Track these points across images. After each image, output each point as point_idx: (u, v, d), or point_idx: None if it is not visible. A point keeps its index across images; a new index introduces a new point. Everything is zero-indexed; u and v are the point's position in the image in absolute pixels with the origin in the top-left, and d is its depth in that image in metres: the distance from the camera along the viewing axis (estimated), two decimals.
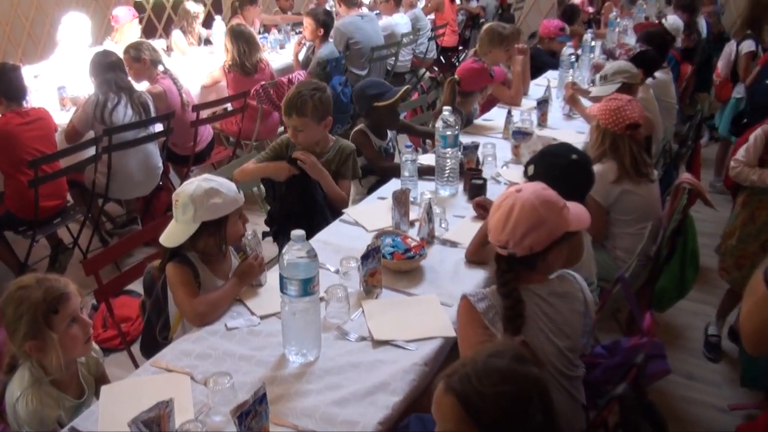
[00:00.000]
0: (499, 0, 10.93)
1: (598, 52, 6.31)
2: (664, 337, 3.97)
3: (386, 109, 3.90)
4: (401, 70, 8.05)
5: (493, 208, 2.18)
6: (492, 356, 1.53)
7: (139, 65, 5.01)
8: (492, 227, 2.15)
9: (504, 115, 4.33)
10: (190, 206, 2.46)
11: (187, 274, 2.51)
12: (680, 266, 3.30)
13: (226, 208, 2.51)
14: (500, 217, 2.12)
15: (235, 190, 2.56)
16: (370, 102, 3.88)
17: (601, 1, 9.75)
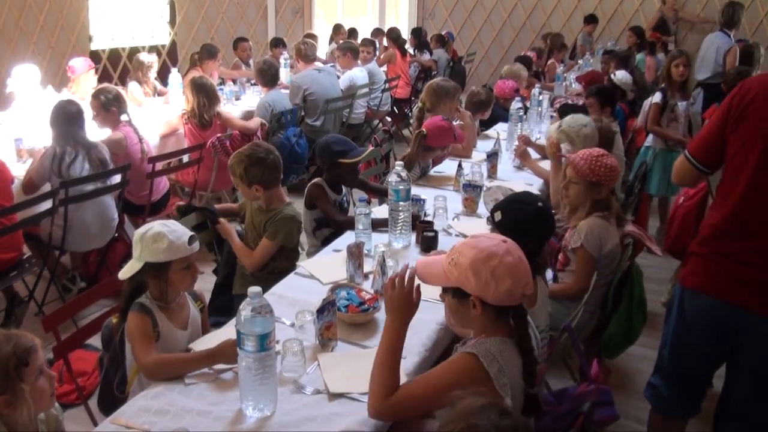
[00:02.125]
0: (450, 53, 11.19)
1: (546, 105, 6.49)
2: (615, 382, 4.06)
3: (349, 167, 3.99)
4: (355, 122, 8.18)
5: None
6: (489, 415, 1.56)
7: (107, 114, 5.07)
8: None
9: (455, 168, 4.44)
10: (139, 245, 2.61)
11: (146, 324, 2.57)
12: (628, 315, 3.42)
13: (168, 254, 2.59)
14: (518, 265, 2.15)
15: (184, 240, 2.62)
16: (334, 158, 3.96)
17: (546, 56, 10.03)
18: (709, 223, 2.69)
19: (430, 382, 2.12)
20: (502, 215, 2.87)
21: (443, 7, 13.30)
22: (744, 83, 2.58)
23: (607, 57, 8.55)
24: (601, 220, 3.46)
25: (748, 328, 2.56)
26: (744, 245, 2.54)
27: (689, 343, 2.76)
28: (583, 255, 3.41)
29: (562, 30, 11.87)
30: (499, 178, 4.59)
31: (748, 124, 2.50)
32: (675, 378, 2.88)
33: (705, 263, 2.65)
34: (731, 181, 2.57)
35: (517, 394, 2.09)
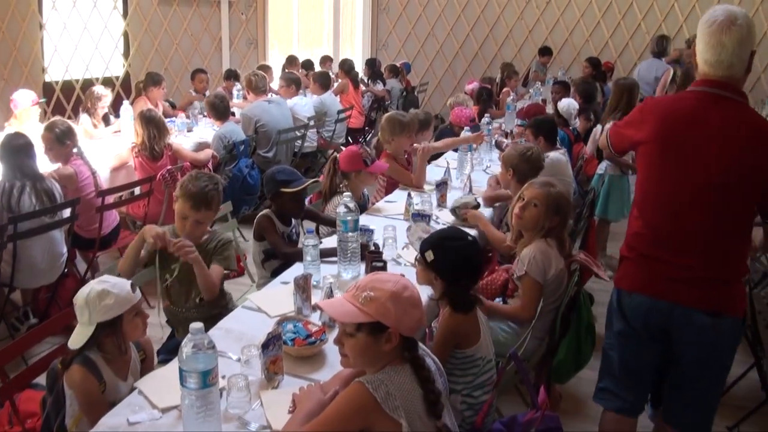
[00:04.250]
0: (403, 83, 11.27)
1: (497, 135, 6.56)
2: (567, 407, 4.09)
3: (291, 197, 3.98)
4: (307, 151, 8.18)
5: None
6: None
7: (61, 148, 5.01)
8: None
9: (405, 198, 4.45)
10: (85, 309, 2.58)
11: (90, 381, 2.56)
12: (576, 340, 3.45)
13: (119, 307, 2.59)
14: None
15: (128, 290, 2.63)
16: (277, 187, 3.96)
17: (499, 85, 10.17)
18: (633, 231, 2.96)
19: (321, 419, 2.12)
20: (435, 254, 2.87)
21: (396, 37, 13.44)
22: (642, 107, 2.98)
23: (558, 87, 8.69)
24: (543, 245, 3.49)
25: (683, 321, 2.82)
26: (664, 249, 2.83)
27: (633, 342, 2.99)
28: (528, 282, 3.46)
29: (513, 60, 12.08)
30: (449, 207, 4.60)
31: (649, 144, 2.86)
32: (624, 375, 3.06)
33: (635, 266, 2.93)
34: (643, 194, 2.91)
35: (417, 419, 2.11)
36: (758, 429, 3.92)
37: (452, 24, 13.03)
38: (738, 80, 2.78)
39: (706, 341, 2.82)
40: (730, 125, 2.72)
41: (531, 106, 7.19)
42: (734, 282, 2.83)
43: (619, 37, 12.24)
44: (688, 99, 2.85)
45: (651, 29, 11.81)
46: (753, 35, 2.75)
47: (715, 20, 2.71)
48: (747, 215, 2.80)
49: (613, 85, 6.13)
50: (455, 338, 2.86)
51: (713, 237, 2.76)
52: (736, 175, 2.70)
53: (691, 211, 2.76)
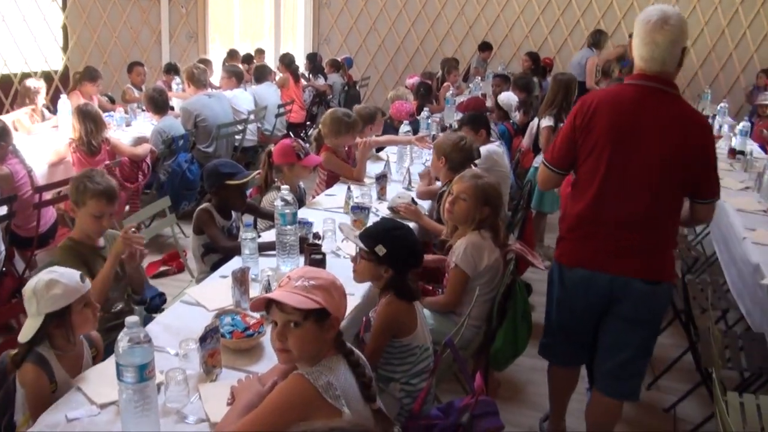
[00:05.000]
0: (345, 77, 11.29)
1: (435, 128, 6.62)
2: (506, 394, 4.21)
3: (235, 189, 3.98)
4: (248, 146, 8.16)
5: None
6: None
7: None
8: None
9: (344, 191, 4.48)
10: (33, 299, 2.51)
11: (42, 381, 2.50)
12: (513, 328, 3.54)
13: (67, 298, 2.52)
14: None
15: (77, 280, 2.56)
16: (221, 180, 3.97)
17: (440, 79, 10.24)
18: (573, 213, 3.23)
19: (261, 410, 2.13)
20: (387, 247, 2.90)
21: (338, 32, 13.45)
22: (584, 99, 3.20)
23: (498, 80, 8.81)
24: (476, 237, 3.59)
25: (624, 290, 3.13)
26: (605, 226, 3.12)
27: (572, 307, 3.33)
28: (455, 273, 3.57)
29: (454, 55, 12.16)
30: (388, 200, 4.66)
31: (595, 133, 3.08)
32: (564, 335, 3.44)
33: (577, 244, 3.24)
34: (587, 179, 3.14)
35: (359, 407, 2.15)
36: (694, 409, 4.07)
37: (394, 19, 13.09)
38: (670, 74, 3.05)
39: (644, 306, 3.15)
40: (667, 115, 3.02)
41: (471, 99, 7.28)
42: (668, 252, 3.21)
43: (558, 34, 12.46)
44: (628, 91, 3.11)
45: (589, 26, 12.02)
46: (685, 34, 3.00)
47: (650, 20, 2.96)
48: (681, 194, 3.14)
49: (552, 80, 6.22)
50: (394, 327, 2.91)
51: (653, 214, 3.08)
52: (674, 160, 3.00)
53: (637, 193, 3.05)
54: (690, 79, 11.72)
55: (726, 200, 5.10)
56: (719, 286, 4.81)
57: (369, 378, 2.26)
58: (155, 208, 5.02)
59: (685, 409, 4.13)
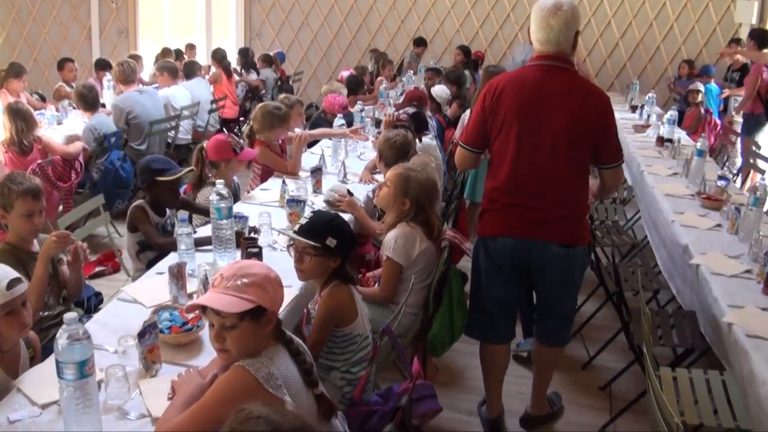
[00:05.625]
0: (278, 72, 11.24)
1: (369, 123, 6.66)
2: (445, 379, 4.29)
3: (167, 186, 3.96)
4: (182, 143, 8.08)
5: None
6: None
7: None
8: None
9: (280, 185, 4.49)
10: None
11: None
12: (449, 314, 3.61)
13: None
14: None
15: (2, 287, 2.50)
16: (152, 176, 3.92)
17: (374, 74, 10.29)
18: (491, 187, 3.47)
19: (203, 402, 2.13)
20: (336, 238, 2.93)
21: (270, 26, 13.38)
22: (491, 82, 3.44)
23: (431, 73, 8.88)
24: (406, 228, 3.66)
25: (542, 254, 3.39)
26: (523, 196, 3.36)
27: (500, 276, 3.52)
28: (388, 264, 3.64)
29: (386, 49, 12.24)
30: (324, 193, 4.67)
31: (503, 110, 3.33)
32: (495, 310, 3.61)
33: (498, 215, 3.45)
34: (501, 154, 3.39)
35: (301, 394, 2.18)
36: (629, 386, 4.20)
37: (326, 13, 13.06)
38: (566, 54, 3.34)
39: (562, 268, 3.44)
40: (566, 89, 3.32)
41: (412, 91, 7.29)
42: (581, 218, 3.50)
43: (489, 28, 12.59)
44: (529, 71, 3.40)
45: (519, 20, 12.23)
46: (576, 18, 3.30)
47: (544, 7, 3.26)
48: (587, 162, 3.44)
49: (483, 73, 6.31)
50: (338, 317, 2.96)
51: (564, 183, 3.35)
52: (577, 130, 3.29)
53: (546, 163, 3.30)
54: (619, 71, 12.05)
55: (655, 186, 5.28)
56: (650, 268, 4.98)
57: (310, 364, 2.29)
58: (89, 207, 4.94)
59: (620, 387, 4.28)
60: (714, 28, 11.71)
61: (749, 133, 8.23)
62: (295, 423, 1.65)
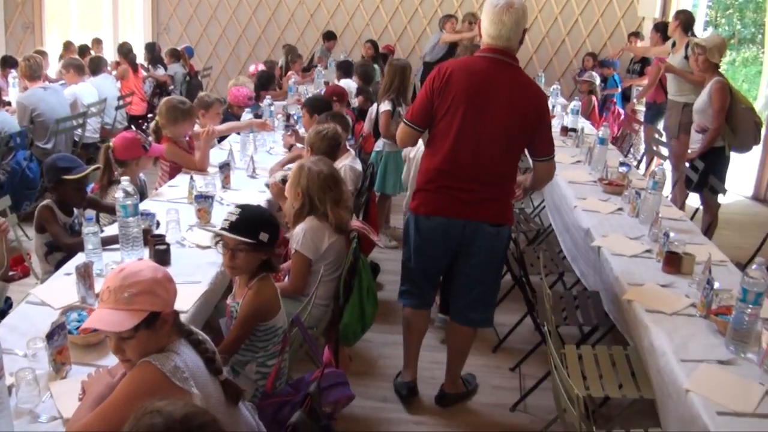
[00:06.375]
0: (187, 67, 11.10)
1: (281, 118, 6.66)
2: (360, 368, 4.36)
3: (73, 184, 3.89)
4: (90, 141, 7.92)
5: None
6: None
7: None
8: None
9: (188, 181, 4.45)
10: None
11: None
12: (359, 303, 3.69)
13: None
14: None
15: None
16: (58, 174, 3.85)
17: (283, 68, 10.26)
18: (430, 167, 3.66)
19: (111, 400, 2.13)
20: (268, 232, 2.95)
21: (178, 21, 13.19)
22: (441, 66, 3.62)
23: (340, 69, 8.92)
24: (315, 221, 3.70)
25: (473, 232, 3.63)
26: (459, 179, 3.57)
27: (429, 253, 3.77)
28: (297, 258, 3.68)
29: (296, 43, 12.19)
30: (233, 188, 4.69)
31: (450, 94, 3.52)
32: (421, 280, 3.89)
33: (433, 195, 3.66)
34: (443, 135, 3.58)
35: (207, 383, 2.20)
36: (538, 366, 4.34)
37: (234, 7, 12.95)
38: (513, 50, 3.58)
39: (490, 246, 3.69)
40: (511, 84, 3.54)
41: (332, 87, 7.29)
42: (509, 200, 3.77)
43: (398, 22, 12.70)
44: (479, 62, 3.59)
45: (427, 13, 12.43)
46: (525, 16, 3.56)
47: (497, 3, 3.47)
48: (520, 151, 3.73)
49: (388, 66, 6.35)
50: (263, 313, 2.98)
51: (499, 168, 3.60)
52: (516, 123, 3.53)
53: (486, 148, 3.53)
54: (526, 64, 12.28)
55: (558, 174, 5.38)
56: (556, 253, 5.15)
57: (212, 352, 2.31)
58: None
59: (529, 367, 4.43)
60: (618, 22, 12.12)
61: (652, 121, 8.56)
62: (187, 410, 1.69)
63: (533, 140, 3.65)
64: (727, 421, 2.44)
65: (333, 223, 3.71)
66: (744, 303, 2.82)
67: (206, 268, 3.42)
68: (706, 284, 3.18)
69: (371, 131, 6.47)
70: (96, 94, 8.08)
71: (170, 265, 3.37)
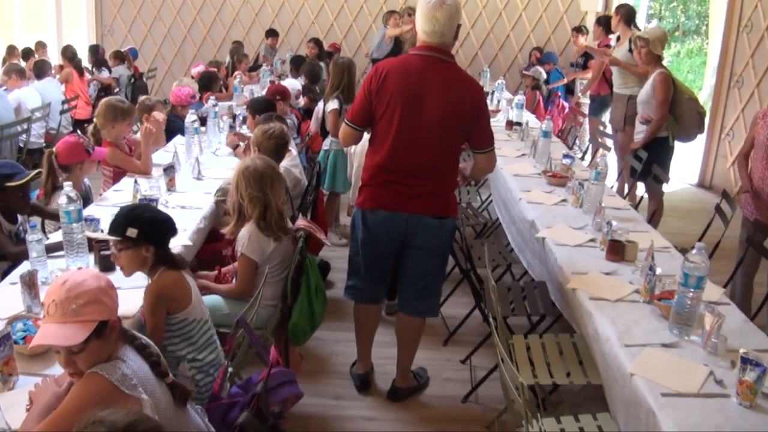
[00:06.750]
0: (131, 69, 10.97)
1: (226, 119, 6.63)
2: (312, 367, 4.38)
3: (16, 191, 3.83)
4: (35, 147, 7.79)
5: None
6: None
7: None
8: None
9: (132, 184, 4.39)
10: None
11: None
12: (308, 302, 3.70)
13: None
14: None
15: None
16: (1, 182, 3.79)
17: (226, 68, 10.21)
18: (373, 164, 3.75)
19: (60, 411, 2.11)
20: (136, 227, 2.90)
21: (122, 22, 13.02)
22: (378, 66, 3.70)
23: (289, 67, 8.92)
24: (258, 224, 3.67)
25: (417, 225, 3.73)
26: (400, 174, 3.67)
27: (376, 248, 3.85)
28: (242, 260, 3.68)
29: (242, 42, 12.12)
30: (178, 191, 4.66)
31: (387, 94, 3.60)
32: (368, 274, 3.94)
33: (377, 190, 3.75)
34: (383, 134, 3.67)
35: (155, 387, 2.20)
36: (488, 358, 4.40)
37: (179, 7, 12.85)
38: (448, 46, 3.65)
39: (434, 238, 3.78)
40: (447, 80, 3.61)
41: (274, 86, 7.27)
42: (450, 193, 3.86)
43: (344, 19, 12.71)
44: (414, 60, 3.66)
45: (373, 11, 12.47)
46: (459, 12, 3.62)
47: (430, 0, 3.52)
48: (459, 145, 3.79)
49: (332, 65, 6.35)
50: (164, 301, 2.95)
51: (438, 163, 3.68)
52: (452, 117, 3.61)
53: (424, 145, 3.62)
54: (471, 59, 12.45)
55: (503, 167, 5.51)
56: (503, 246, 5.22)
57: (157, 355, 2.31)
58: None
59: (480, 359, 4.49)
60: (561, 17, 12.30)
61: (596, 113, 8.70)
62: (130, 418, 1.70)
63: (472, 134, 3.73)
64: (672, 402, 2.51)
65: (274, 225, 3.69)
66: (686, 287, 2.91)
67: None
68: (649, 270, 3.27)
69: (318, 130, 6.46)
70: (40, 99, 7.97)
71: (115, 271, 3.33)
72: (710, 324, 2.84)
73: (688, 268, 2.89)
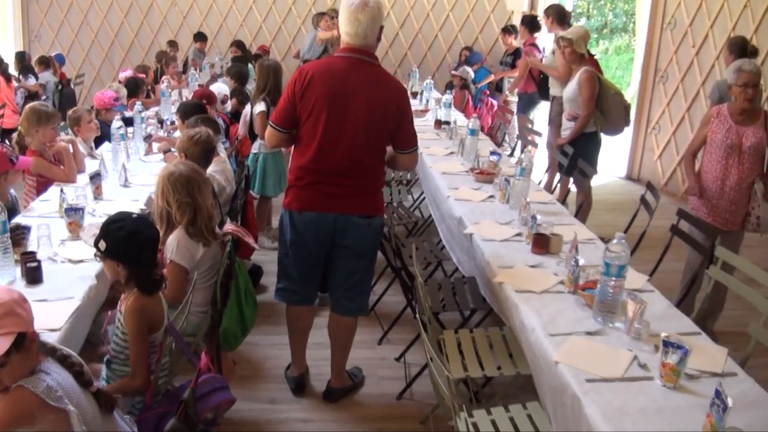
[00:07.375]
0: (58, 75, 10.76)
1: (154, 122, 6.55)
2: (246, 372, 4.37)
3: None
4: None
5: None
6: None
7: None
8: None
9: (58, 194, 4.29)
10: None
11: None
12: (238, 306, 3.67)
13: None
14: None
15: None
16: None
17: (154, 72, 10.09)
18: (299, 165, 3.77)
19: None
20: (106, 242, 2.89)
21: (49, 28, 12.72)
22: (302, 69, 3.74)
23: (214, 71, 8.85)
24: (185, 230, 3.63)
25: (345, 225, 3.77)
26: (327, 175, 3.70)
27: (305, 248, 3.87)
28: (172, 267, 3.59)
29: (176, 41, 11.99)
30: (105, 199, 4.58)
31: (312, 97, 3.62)
32: (299, 276, 3.95)
33: (303, 191, 3.78)
34: (308, 137, 3.69)
35: (80, 397, 2.21)
36: (422, 355, 4.36)
37: (106, 11, 12.61)
38: (371, 47, 3.71)
39: (363, 237, 3.84)
40: (372, 81, 3.67)
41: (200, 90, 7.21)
42: (378, 192, 3.92)
43: (272, 21, 12.66)
44: (338, 62, 3.71)
45: (301, 13, 12.45)
46: (381, 14, 3.66)
47: (353, 3, 3.58)
48: (384, 146, 3.83)
49: (258, 67, 6.30)
50: (148, 322, 2.90)
51: (364, 163, 3.74)
52: (377, 119, 3.67)
53: (350, 147, 3.66)
54: (401, 60, 12.57)
55: (432, 166, 5.59)
56: (434, 244, 5.29)
57: (80, 365, 2.30)
58: None
59: (414, 355, 4.56)
60: (488, 16, 12.46)
61: (524, 111, 8.87)
62: None
63: (396, 135, 3.80)
64: (596, 387, 2.59)
65: (204, 229, 3.64)
66: (608, 276, 3.01)
67: (78, 283, 3.31)
68: (573, 262, 3.36)
69: (247, 134, 6.41)
70: None
71: (42, 283, 3.28)
72: (633, 311, 2.94)
73: (609, 258, 2.98)
